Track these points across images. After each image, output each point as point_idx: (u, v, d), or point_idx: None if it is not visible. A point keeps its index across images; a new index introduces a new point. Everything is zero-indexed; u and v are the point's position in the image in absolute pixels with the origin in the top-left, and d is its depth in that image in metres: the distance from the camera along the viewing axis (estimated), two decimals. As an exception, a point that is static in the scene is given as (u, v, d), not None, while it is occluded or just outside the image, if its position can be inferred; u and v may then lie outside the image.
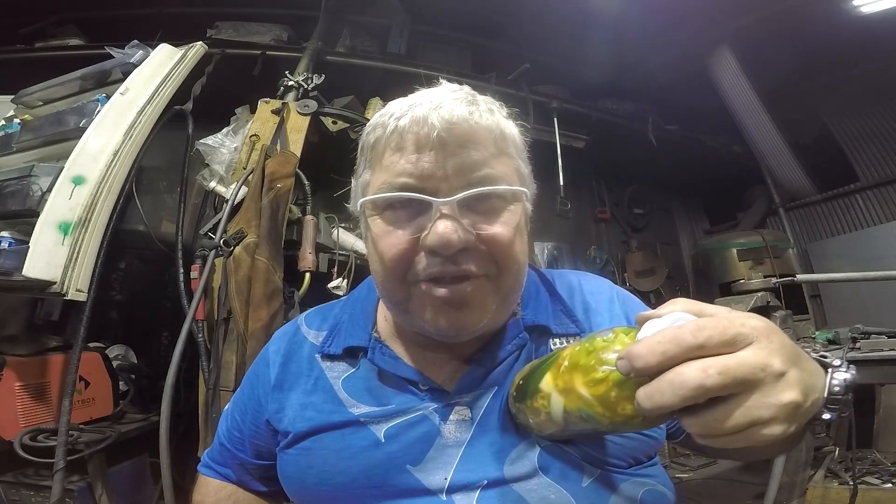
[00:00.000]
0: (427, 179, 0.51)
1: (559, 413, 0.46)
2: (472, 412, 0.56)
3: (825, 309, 3.70)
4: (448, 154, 0.51)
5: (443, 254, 0.50)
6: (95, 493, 1.48)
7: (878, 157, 3.68)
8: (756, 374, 0.33)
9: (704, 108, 3.65)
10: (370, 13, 2.95)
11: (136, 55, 1.75)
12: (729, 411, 0.33)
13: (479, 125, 0.52)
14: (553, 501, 0.51)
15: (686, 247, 4.65)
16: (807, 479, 1.81)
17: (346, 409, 0.58)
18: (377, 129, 0.55)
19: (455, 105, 0.51)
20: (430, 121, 0.50)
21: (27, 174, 1.45)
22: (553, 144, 3.23)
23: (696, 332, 0.34)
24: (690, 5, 2.94)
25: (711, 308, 0.38)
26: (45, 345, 1.60)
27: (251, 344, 1.53)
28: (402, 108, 0.53)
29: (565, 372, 0.46)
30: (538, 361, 0.53)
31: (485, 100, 0.56)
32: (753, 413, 0.33)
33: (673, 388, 0.33)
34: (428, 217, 0.50)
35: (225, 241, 1.64)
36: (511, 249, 0.53)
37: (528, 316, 0.62)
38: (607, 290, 0.68)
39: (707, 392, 0.32)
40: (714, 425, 0.33)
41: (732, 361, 0.33)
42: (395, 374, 0.59)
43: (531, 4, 2.95)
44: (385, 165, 0.53)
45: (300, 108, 2.10)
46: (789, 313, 1.92)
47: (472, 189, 0.50)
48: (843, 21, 2.96)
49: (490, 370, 0.58)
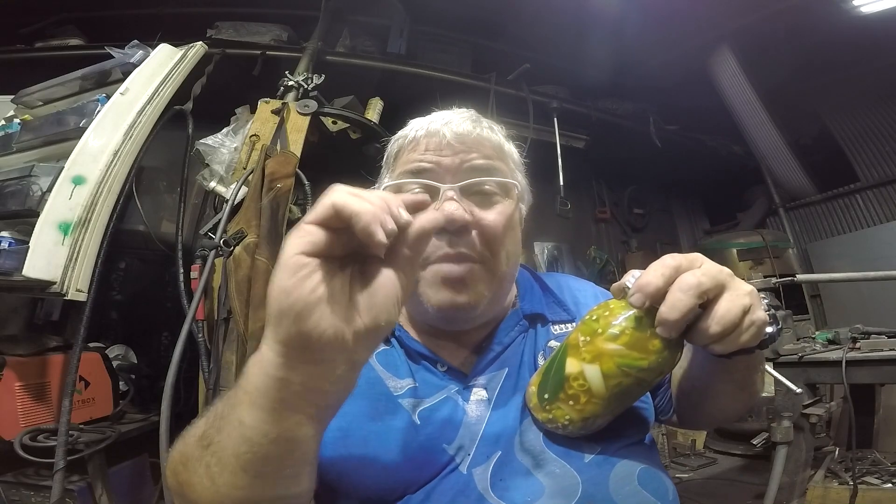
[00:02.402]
0: (437, 167, 0.63)
1: (599, 381, 0.51)
2: (487, 392, 0.62)
3: (825, 309, 3.70)
4: (454, 153, 0.63)
5: (449, 229, 0.58)
6: (95, 493, 1.48)
7: (878, 157, 3.68)
8: (721, 275, 0.46)
9: (704, 108, 3.64)
10: (370, 13, 2.95)
11: (136, 55, 1.75)
12: (725, 306, 0.45)
13: (481, 136, 0.65)
14: (558, 475, 0.55)
15: (686, 247, 4.65)
16: (807, 479, 1.80)
17: (385, 384, 0.62)
18: (398, 140, 0.69)
19: (462, 122, 0.65)
20: (442, 132, 0.63)
21: (27, 174, 1.45)
22: (553, 144, 3.23)
23: (671, 258, 0.47)
24: (690, 5, 2.94)
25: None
26: (45, 345, 1.60)
27: (251, 344, 1.53)
28: (421, 124, 0.67)
29: (586, 345, 0.52)
30: (543, 367, 0.59)
31: (488, 121, 0.69)
32: (739, 301, 0.46)
33: (683, 291, 0.44)
34: (436, 202, 0.60)
35: (225, 241, 1.64)
36: (501, 235, 0.62)
37: (525, 306, 0.71)
38: (591, 287, 0.80)
39: (704, 289, 0.44)
40: (724, 321, 0.45)
41: (705, 268, 0.46)
42: (417, 351, 0.66)
43: (531, 4, 2.95)
44: (402, 162, 0.66)
45: (300, 108, 2.10)
46: (789, 313, 1.92)
47: (474, 178, 0.62)
48: (842, 21, 2.96)
49: (499, 354, 0.66)
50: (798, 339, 1.95)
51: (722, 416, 0.72)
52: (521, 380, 0.63)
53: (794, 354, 1.78)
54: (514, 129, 2.97)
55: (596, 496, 0.54)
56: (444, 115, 0.67)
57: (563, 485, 0.54)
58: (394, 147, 0.69)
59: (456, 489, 0.54)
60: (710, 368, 0.61)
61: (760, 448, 2.58)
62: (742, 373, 0.59)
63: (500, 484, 0.54)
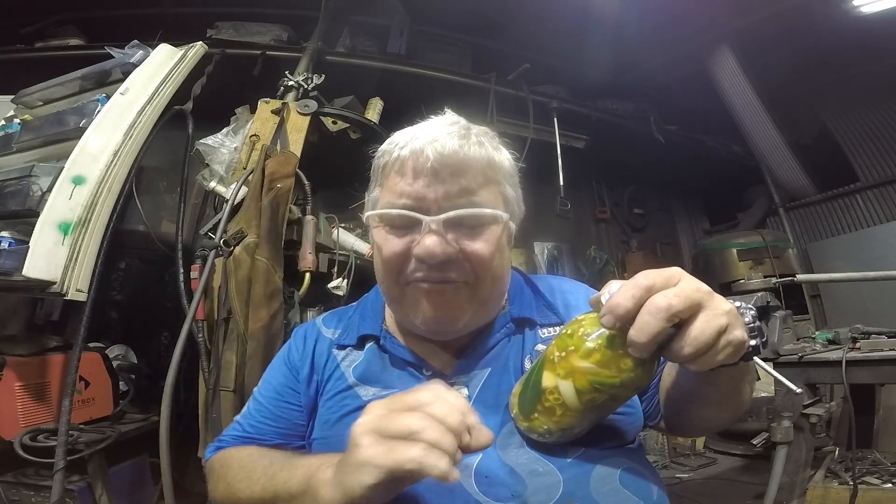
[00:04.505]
0: (421, 201, 0.61)
1: (573, 396, 0.52)
2: (468, 390, 0.64)
3: (825, 309, 3.70)
4: (439, 181, 0.60)
5: (428, 262, 0.60)
6: (95, 493, 1.48)
7: (878, 157, 3.67)
8: (697, 294, 0.45)
9: (704, 108, 3.64)
10: (370, 13, 2.94)
11: (136, 55, 1.75)
12: (699, 327, 0.44)
13: (467, 156, 0.61)
14: (540, 473, 0.57)
15: (686, 247, 4.65)
16: (807, 479, 1.80)
17: (357, 395, 0.66)
18: (385, 154, 0.66)
19: (448, 139, 0.61)
20: (426, 153, 0.60)
21: (27, 174, 1.45)
22: (553, 144, 3.23)
23: (644, 277, 0.46)
24: (690, 5, 2.94)
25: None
26: (45, 345, 1.60)
27: (251, 344, 1.53)
28: (405, 138, 0.63)
29: (560, 361, 0.52)
30: (524, 378, 0.61)
31: (477, 132, 0.65)
32: (714, 322, 0.45)
33: (652, 314, 0.44)
34: (419, 231, 0.60)
35: (225, 241, 1.64)
36: (489, 263, 0.62)
37: (514, 310, 0.72)
38: (583, 290, 0.80)
39: (674, 312, 0.44)
40: (697, 343, 0.44)
41: (679, 288, 0.45)
42: (402, 357, 0.68)
43: (531, 4, 2.95)
44: (389, 186, 0.64)
45: (300, 108, 2.10)
46: (789, 313, 1.92)
47: (456, 210, 0.60)
48: (843, 21, 2.95)
49: (483, 355, 0.68)
50: (798, 339, 1.95)
51: (707, 425, 0.72)
52: (505, 381, 0.65)
53: (794, 354, 1.78)
54: (514, 129, 3.00)
55: (576, 494, 0.56)
56: (430, 129, 0.63)
57: (546, 483, 0.56)
58: (380, 161, 0.67)
59: (441, 486, 0.55)
60: (693, 377, 0.61)
61: (760, 448, 2.58)
62: (726, 384, 0.59)
63: (484, 481, 0.56)
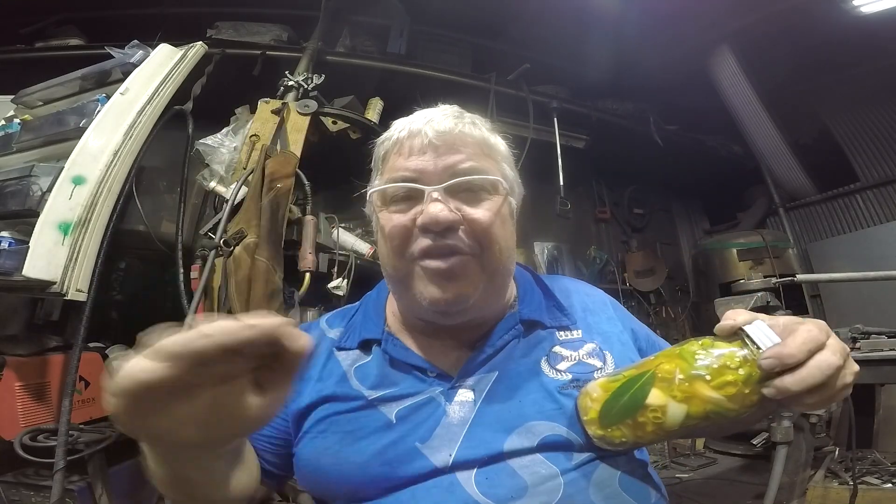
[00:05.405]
0: (421, 174, 0.62)
1: (678, 420, 0.52)
2: (474, 394, 0.63)
3: (825, 309, 3.70)
4: (438, 155, 0.62)
5: (433, 229, 0.60)
6: (95, 493, 1.48)
7: (878, 157, 3.67)
8: (844, 352, 0.48)
9: (704, 108, 3.64)
10: (370, 13, 2.94)
11: (136, 55, 1.75)
12: (840, 376, 0.48)
13: (463, 132, 0.64)
14: (543, 475, 0.57)
15: (686, 247, 4.65)
16: (807, 479, 1.80)
17: (358, 392, 0.65)
18: (385, 143, 0.68)
19: (443, 119, 0.64)
20: (424, 131, 0.63)
21: (27, 174, 1.45)
22: (553, 144, 3.23)
23: (818, 330, 0.48)
24: (690, 5, 2.94)
25: (766, 317, 0.52)
26: (45, 345, 1.60)
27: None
28: (403, 124, 0.67)
29: (681, 384, 0.52)
30: (614, 384, 0.57)
31: (471, 116, 0.68)
32: (850, 377, 0.48)
33: (821, 370, 0.46)
34: (422, 203, 0.61)
35: (225, 241, 1.64)
36: (491, 230, 0.62)
37: (523, 311, 0.70)
38: (600, 294, 0.80)
39: (837, 369, 0.47)
40: (827, 391, 0.47)
41: (838, 346, 0.48)
42: (405, 361, 0.66)
43: (531, 4, 2.95)
44: (389, 167, 0.66)
45: (300, 108, 2.10)
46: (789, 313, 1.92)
47: (457, 178, 0.62)
48: (843, 21, 2.95)
49: (490, 357, 0.66)
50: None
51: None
52: (514, 385, 0.63)
53: (794, 354, 1.78)
54: (514, 129, 3.00)
55: (576, 497, 0.56)
56: (426, 113, 0.67)
57: (547, 485, 0.56)
58: (380, 151, 0.69)
59: (441, 487, 0.56)
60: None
61: (760, 448, 2.58)
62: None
63: (485, 482, 0.56)
